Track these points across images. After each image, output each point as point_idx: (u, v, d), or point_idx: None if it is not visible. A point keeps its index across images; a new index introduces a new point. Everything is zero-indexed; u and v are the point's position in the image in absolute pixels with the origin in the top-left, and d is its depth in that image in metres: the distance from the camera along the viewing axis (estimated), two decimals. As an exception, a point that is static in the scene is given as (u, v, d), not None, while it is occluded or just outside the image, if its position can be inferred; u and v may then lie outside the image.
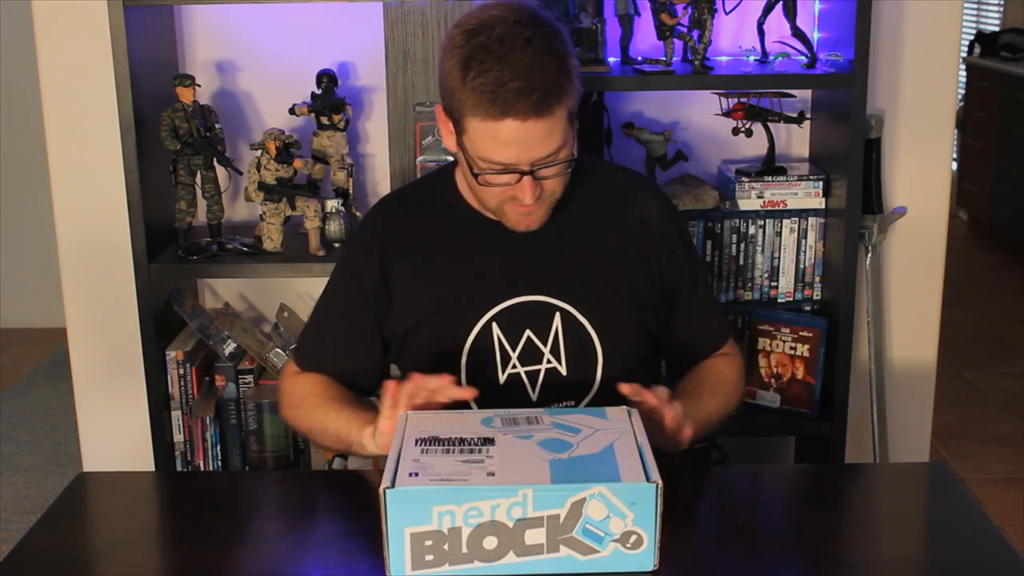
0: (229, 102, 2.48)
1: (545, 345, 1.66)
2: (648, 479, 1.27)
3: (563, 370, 1.67)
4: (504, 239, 1.67)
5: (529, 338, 1.66)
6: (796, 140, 2.55)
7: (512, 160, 1.53)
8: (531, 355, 1.67)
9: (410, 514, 1.25)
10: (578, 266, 1.69)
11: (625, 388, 1.50)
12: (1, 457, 3.56)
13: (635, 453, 1.34)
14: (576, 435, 1.39)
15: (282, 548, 1.46)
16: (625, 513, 1.27)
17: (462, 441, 1.37)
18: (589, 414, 1.46)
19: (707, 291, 1.83)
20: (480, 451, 1.34)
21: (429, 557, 1.26)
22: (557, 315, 1.66)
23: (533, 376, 1.67)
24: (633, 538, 1.28)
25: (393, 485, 1.26)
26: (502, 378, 1.66)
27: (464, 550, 1.27)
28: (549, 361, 1.66)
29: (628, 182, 1.79)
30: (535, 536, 1.27)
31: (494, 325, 1.66)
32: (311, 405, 1.71)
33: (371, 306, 1.71)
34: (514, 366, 1.66)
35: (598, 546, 1.28)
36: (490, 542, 1.27)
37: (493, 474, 1.29)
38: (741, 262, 2.42)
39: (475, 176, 1.57)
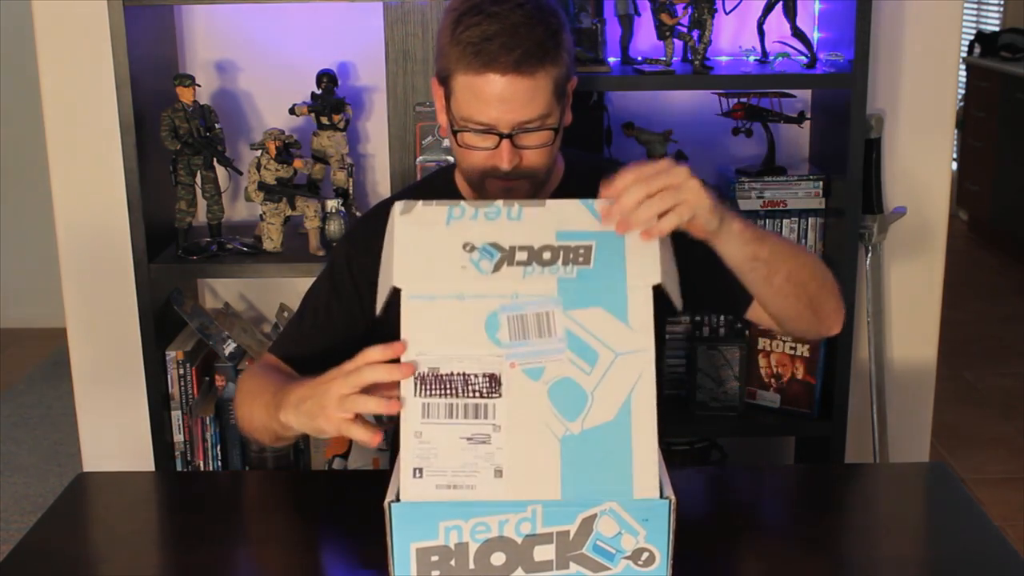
0: (229, 102, 2.48)
1: None
2: (661, 495, 1.23)
3: None
4: None
5: None
6: (796, 140, 2.55)
7: (492, 120, 1.51)
8: None
9: (416, 529, 1.22)
10: None
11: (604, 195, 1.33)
12: (1, 457, 3.56)
13: (653, 443, 1.25)
14: (592, 368, 1.25)
15: (282, 548, 1.46)
16: (637, 530, 1.24)
17: (466, 384, 1.24)
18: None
19: None
20: (487, 413, 1.23)
21: (435, 572, 1.24)
22: None
23: None
24: (645, 555, 1.24)
25: (398, 498, 1.22)
26: None
27: (471, 566, 1.24)
28: None
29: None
30: (544, 552, 1.24)
31: None
32: (248, 391, 1.57)
33: (360, 304, 1.67)
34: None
35: (609, 563, 1.24)
36: (498, 558, 1.24)
37: (501, 472, 1.23)
38: (741, 262, 2.42)
39: (455, 134, 1.56)
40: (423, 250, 1.29)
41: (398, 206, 1.32)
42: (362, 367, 1.30)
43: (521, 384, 1.24)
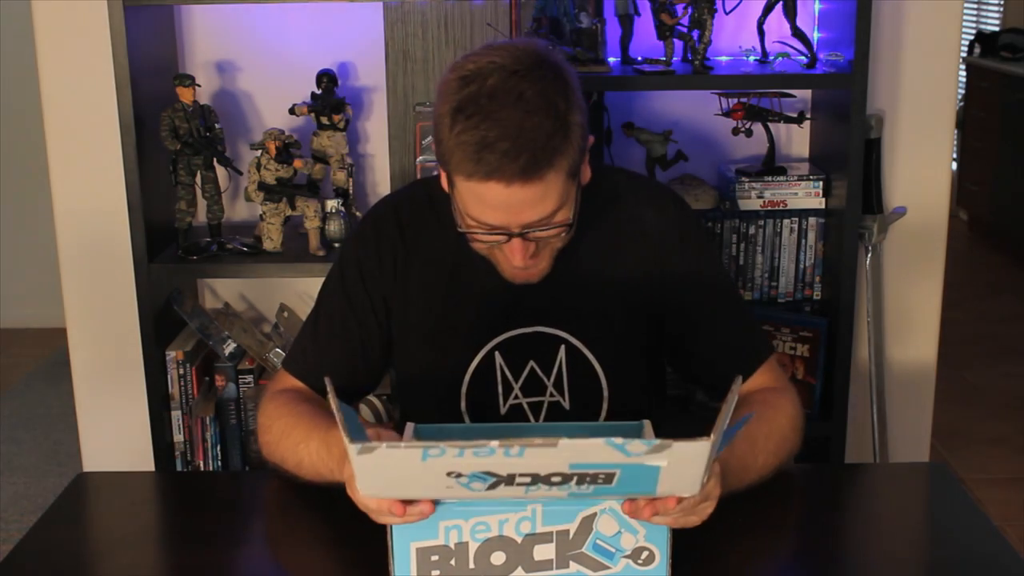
0: (229, 102, 2.48)
1: (548, 378, 1.58)
2: None
3: (566, 404, 1.59)
4: None
5: (532, 369, 1.58)
6: (796, 140, 2.55)
7: (500, 223, 1.41)
8: (534, 387, 1.58)
9: (416, 528, 1.22)
10: (586, 295, 1.58)
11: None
12: (1, 457, 3.56)
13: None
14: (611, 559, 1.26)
15: (282, 548, 1.46)
16: (636, 529, 1.24)
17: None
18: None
19: (730, 309, 1.64)
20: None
21: (435, 572, 1.24)
22: (562, 348, 1.57)
23: (536, 407, 1.59)
24: (645, 554, 1.25)
25: None
26: (504, 408, 1.59)
27: (471, 566, 1.24)
28: (552, 395, 1.58)
29: (638, 195, 1.64)
30: (544, 552, 1.24)
31: (496, 355, 1.57)
32: (280, 429, 1.53)
33: (375, 311, 1.61)
34: (516, 397, 1.58)
35: (609, 562, 1.25)
36: (498, 557, 1.24)
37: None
38: (741, 262, 2.42)
39: (461, 233, 1.47)
40: (395, 476, 1.15)
41: (353, 448, 1.10)
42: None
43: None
